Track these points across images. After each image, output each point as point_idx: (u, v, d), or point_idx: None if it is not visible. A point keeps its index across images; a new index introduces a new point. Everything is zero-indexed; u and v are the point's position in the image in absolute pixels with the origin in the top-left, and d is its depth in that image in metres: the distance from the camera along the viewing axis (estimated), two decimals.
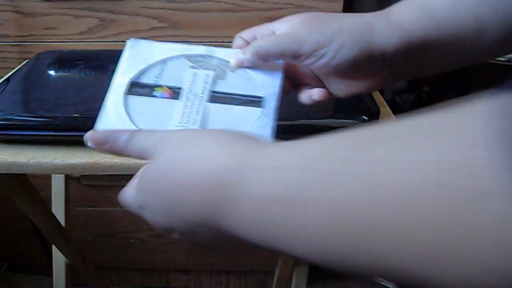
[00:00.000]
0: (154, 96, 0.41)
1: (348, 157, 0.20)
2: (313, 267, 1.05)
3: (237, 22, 0.87)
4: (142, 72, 0.42)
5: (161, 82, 0.41)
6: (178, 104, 0.40)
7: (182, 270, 1.25)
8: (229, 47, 0.44)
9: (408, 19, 0.37)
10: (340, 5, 0.85)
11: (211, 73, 0.42)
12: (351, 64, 0.37)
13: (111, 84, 0.41)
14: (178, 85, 0.41)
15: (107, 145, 0.32)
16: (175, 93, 0.41)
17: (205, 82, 0.42)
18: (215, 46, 0.45)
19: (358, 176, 0.19)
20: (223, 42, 0.87)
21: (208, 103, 0.41)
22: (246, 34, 0.43)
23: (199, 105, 0.40)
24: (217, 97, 0.41)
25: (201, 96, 0.41)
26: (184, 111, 0.40)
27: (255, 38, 0.42)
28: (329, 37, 0.37)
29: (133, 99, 0.40)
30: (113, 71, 0.43)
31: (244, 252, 1.18)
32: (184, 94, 0.41)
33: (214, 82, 0.42)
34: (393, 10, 0.38)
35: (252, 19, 0.87)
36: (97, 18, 0.88)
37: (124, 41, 0.45)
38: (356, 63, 0.37)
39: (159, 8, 0.87)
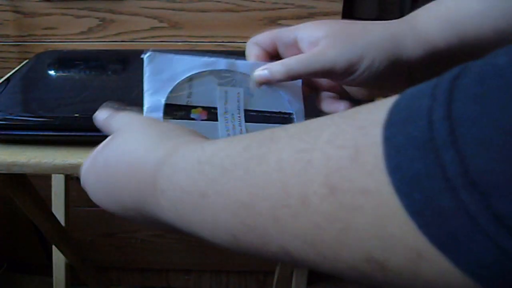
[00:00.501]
0: (192, 119, 0.40)
1: (237, 155, 0.23)
2: None
3: (237, 22, 0.87)
4: (171, 92, 0.41)
5: (194, 103, 0.41)
6: (219, 126, 0.40)
7: (182, 270, 1.25)
8: (229, 47, 0.44)
9: (433, 32, 0.37)
10: (340, 5, 0.85)
11: (241, 90, 0.42)
12: (377, 77, 0.38)
13: (144, 107, 0.40)
14: (212, 105, 0.41)
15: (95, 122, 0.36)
16: (211, 114, 0.41)
17: (238, 101, 0.42)
18: (215, 46, 0.44)
19: (242, 172, 0.22)
20: (223, 42, 0.87)
21: (247, 123, 0.41)
22: (262, 40, 0.41)
23: (239, 126, 0.41)
24: (252, 116, 0.42)
25: (239, 116, 0.41)
26: (228, 134, 0.40)
27: (274, 45, 0.41)
28: (359, 55, 0.37)
29: (174, 123, 0.40)
30: (113, 71, 0.43)
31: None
32: (221, 114, 0.41)
33: (245, 100, 0.42)
34: (419, 20, 0.38)
35: (252, 19, 0.87)
36: (97, 18, 0.88)
37: (124, 41, 0.45)
38: (382, 76, 0.38)
39: (159, 8, 0.87)
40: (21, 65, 0.63)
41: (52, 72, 0.61)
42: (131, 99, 0.44)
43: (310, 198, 0.18)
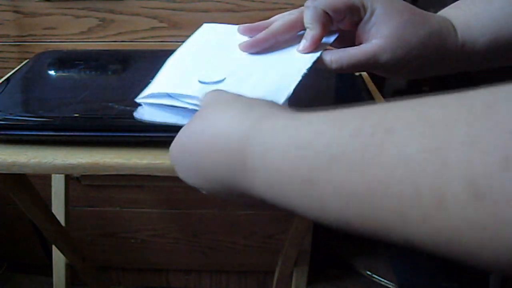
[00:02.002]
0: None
1: (345, 142, 0.22)
2: (313, 267, 1.05)
3: (237, 22, 0.87)
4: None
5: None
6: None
7: (182, 270, 1.25)
8: None
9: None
10: None
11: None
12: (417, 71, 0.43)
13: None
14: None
15: None
16: None
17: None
18: None
19: (357, 163, 0.21)
20: None
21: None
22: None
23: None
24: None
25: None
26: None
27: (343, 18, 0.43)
28: (413, 56, 0.41)
29: None
30: (113, 71, 0.43)
31: (244, 252, 1.18)
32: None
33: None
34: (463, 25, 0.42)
35: (252, 19, 0.86)
36: (97, 18, 0.88)
37: (124, 41, 0.45)
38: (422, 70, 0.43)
39: (159, 8, 0.87)
40: (21, 65, 0.63)
41: (52, 72, 0.62)
42: (131, 99, 0.45)
43: (448, 201, 0.18)
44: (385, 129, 0.21)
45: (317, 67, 0.42)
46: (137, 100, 0.44)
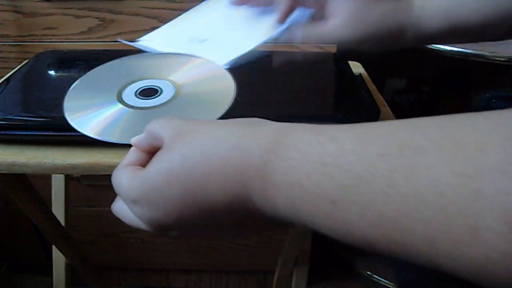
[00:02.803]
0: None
1: (372, 162, 0.21)
2: (313, 267, 1.05)
3: None
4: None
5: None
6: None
7: (182, 270, 1.25)
8: None
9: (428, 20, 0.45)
10: None
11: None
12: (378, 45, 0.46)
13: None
14: None
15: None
16: None
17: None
18: None
19: (385, 185, 0.20)
20: None
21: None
22: None
23: None
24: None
25: None
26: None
27: None
28: (372, 31, 0.45)
29: None
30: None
31: (244, 252, 1.18)
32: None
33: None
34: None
35: None
36: (97, 18, 0.88)
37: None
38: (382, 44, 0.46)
39: (159, 8, 0.87)
40: (21, 65, 0.63)
41: (52, 72, 0.61)
42: None
43: (482, 231, 0.17)
44: (414, 150, 0.20)
45: (288, 40, 0.48)
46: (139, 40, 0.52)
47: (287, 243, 0.96)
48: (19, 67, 0.62)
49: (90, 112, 0.42)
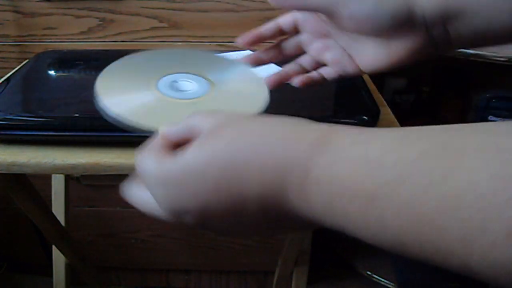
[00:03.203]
0: None
1: (411, 162, 0.21)
2: (313, 267, 1.05)
3: (237, 22, 0.87)
4: None
5: None
6: None
7: (182, 270, 1.25)
8: (229, 47, 0.45)
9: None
10: None
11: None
12: (390, 22, 0.38)
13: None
14: None
15: None
16: None
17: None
18: (215, 46, 0.45)
19: (423, 185, 0.21)
20: (223, 42, 0.87)
21: None
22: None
23: None
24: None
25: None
26: None
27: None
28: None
29: None
30: None
31: (244, 252, 1.18)
32: None
33: None
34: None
35: (252, 19, 0.87)
36: (97, 18, 0.88)
37: (124, 41, 0.45)
38: (396, 22, 0.38)
39: (159, 8, 0.87)
40: (21, 65, 0.63)
41: (52, 72, 0.62)
42: None
43: None
44: (454, 153, 0.21)
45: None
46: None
47: (287, 243, 0.96)
48: (19, 67, 0.62)
49: (125, 94, 0.41)
